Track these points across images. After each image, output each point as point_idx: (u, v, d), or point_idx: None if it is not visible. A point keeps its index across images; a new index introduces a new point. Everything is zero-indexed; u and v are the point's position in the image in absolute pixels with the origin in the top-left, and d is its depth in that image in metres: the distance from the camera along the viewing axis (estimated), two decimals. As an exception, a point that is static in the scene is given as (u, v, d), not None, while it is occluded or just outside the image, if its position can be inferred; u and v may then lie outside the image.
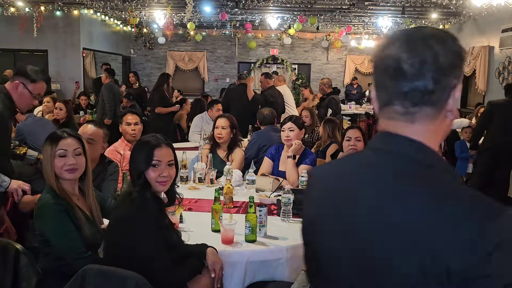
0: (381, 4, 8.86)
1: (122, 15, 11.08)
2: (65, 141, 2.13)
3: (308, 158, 3.47)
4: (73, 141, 2.16)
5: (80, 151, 2.16)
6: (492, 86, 8.91)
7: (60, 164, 2.10)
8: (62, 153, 2.11)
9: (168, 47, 14.41)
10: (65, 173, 2.11)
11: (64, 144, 2.12)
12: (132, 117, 3.63)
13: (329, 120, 4.81)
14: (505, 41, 8.36)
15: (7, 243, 1.99)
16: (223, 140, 3.78)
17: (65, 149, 2.12)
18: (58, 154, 2.10)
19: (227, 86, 8.46)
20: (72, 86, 10.42)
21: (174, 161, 2.04)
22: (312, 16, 9.83)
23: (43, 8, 10.01)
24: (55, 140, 2.13)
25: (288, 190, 2.67)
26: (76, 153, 2.14)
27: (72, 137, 2.17)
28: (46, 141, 2.16)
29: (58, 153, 2.11)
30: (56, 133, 2.18)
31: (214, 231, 2.44)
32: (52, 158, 2.10)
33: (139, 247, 1.86)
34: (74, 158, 2.12)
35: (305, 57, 14.75)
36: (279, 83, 7.37)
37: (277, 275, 2.24)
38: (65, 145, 2.12)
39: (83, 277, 1.69)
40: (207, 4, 9.20)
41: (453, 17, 10.14)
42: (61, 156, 2.11)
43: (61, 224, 2.02)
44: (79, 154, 2.15)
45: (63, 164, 2.10)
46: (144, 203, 1.92)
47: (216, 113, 5.62)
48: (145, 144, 1.99)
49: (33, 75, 2.66)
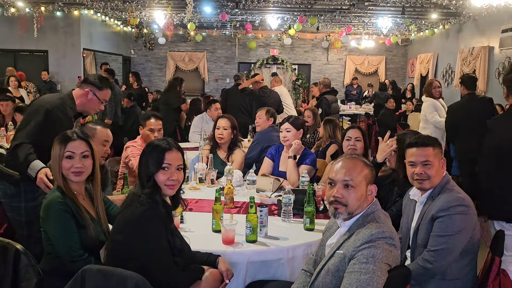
0: (381, 5, 8.86)
1: (122, 15, 11.08)
2: (73, 143, 2.13)
3: (308, 158, 3.46)
4: (82, 143, 2.16)
5: (88, 154, 2.16)
6: (492, 86, 8.91)
7: (67, 165, 2.11)
8: (69, 155, 2.11)
9: (168, 47, 14.42)
10: (71, 175, 2.12)
11: (72, 146, 2.13)
12: (156, 123, 3.58)
13: (330, 120, 4.81)
14: (505, 41, 8.36)
15: (7, 243, 1.98)
16: (224, 140, 3.79)
17: (73, 151, 2.12)
18: (65, 156, 2.11)
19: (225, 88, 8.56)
20: (72, 86, 10.42)
21: (183, 165, 2.05)
22: (312, 16, 9.83)
23: (43, 9, 10.01)
24: (64, 141, 2.13)
25: (288, 191, 2.67)
26: (83, 155, 2.14)
27: (81, 139, 2.17)
28: (55, 140, 2.16)
29: (66, 154, 2.11)
30: (66, 134, 2.17)
31: (214, 231, 2.43)
32: (60, 159, 2.11)
33: (146, 248, 1.86)
34: (81, 161, 2.13)
35: (305, 58, 14.75)
36: (276, 84, 7.39)
37: (278, 275, 2.24)
38: (73, 147, 2.13)
39: (83, 277, 1.69)
40: (207, 5, 9.20)
41: (453, 17, 10.14)
42: (68, 158, 2.11)
43: (63, 224, 2.03)
44: (87, 157, 2.16)
45: (70, 166, 2.11)
46: (154, 206, 1.93)
47: (214, 112, 5.62)
48: (156, 147, 2.00)
49: (100, 83, 3.05)
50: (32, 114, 2.85)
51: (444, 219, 2.13)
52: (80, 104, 3.02)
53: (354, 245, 1.74)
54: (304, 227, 2.52)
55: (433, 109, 5.34)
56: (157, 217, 1.91)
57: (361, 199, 1.83)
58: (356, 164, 1.87)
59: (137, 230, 1.87)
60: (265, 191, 3.21)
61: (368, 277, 1.64)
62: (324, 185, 2.88)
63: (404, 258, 2.36)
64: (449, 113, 4.88)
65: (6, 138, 5.46)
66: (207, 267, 2.07)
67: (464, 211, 2.13)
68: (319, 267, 1.87)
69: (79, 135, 2.18)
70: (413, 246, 2.29)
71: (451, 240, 2.11)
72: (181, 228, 2.44)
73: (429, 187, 2.26)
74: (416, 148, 2.29)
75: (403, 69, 14.99)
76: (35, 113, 2.84)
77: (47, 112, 2.83)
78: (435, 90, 5.38)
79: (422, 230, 2.23)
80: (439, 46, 11.92)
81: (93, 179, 2.22)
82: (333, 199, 1.85)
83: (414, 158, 2.28)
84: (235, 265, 2.17)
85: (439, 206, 2.16)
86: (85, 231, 2.07)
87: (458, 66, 10.20)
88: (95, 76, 3.14)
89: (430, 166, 2.23)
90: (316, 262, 2.00)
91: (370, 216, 1.83)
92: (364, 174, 1.85)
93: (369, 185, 1.86)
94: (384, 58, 14.75)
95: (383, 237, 1.72)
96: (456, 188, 2.25)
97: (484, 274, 2.20)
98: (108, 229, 2.21)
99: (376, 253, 1.69)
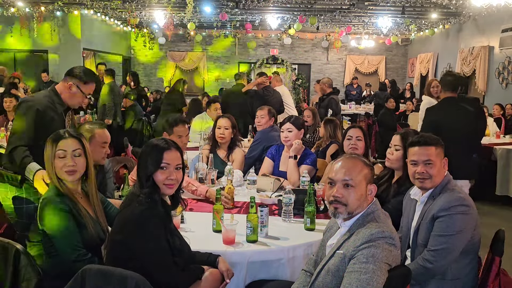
0: (381, 4, 8.87)
1: (122, 15, 11.08)
2: (65, 141, 2.12)
3: (308, 158, 3.46)
4: (73, 141, 2.14)
5: (80, 152, 2.14)
6: (492, 86, 8.91)
7: (60, 164, 2.09)
8: (61, 154, 2.10)
9: (168, 47, 14.41)
10: (65, 174, 2.10)
11: (64, 145, 2.11)
12: (183, 129, 3.42)
13: (330, 120, 4.80)
14: (505, 41, 8.36)
15: (7, 243, 1.98)
16: (225, 140, 3.79)
17: (65, 149, 2.10)
18: (57, 155, 2.10)
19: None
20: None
21: (181, 165, 2.05)
22: (312, 16, 9.84)
23: (43, 8, 10.00)
24: (56, 140, 2.12)
25: (289, 191, 2.67)
26: (75, 154, 2.12)
27: (73, 137, 2.15)
28: (48, 140, 2.15)
29: (58, 153, 2.10)
30: (58, 133, 2.16)
31: (215, 231, 2.43)
32: (52, 159, 2.10)
33: (146, 248, 1.86)
34: (73, 159, 2.11)
35: (305, 57, 14.76)
36: (277, 84, 7.40)
37: (278, 275, 2.24)
38: (64, 145, 2.11)
39: (83, 277, 1.69)
40: (207, 4, 9.20)
41: (453, 17, 10.15)
42: (60, 157, 2.10)
43: (64, 224, 2.02)
44: (79, 155, 2.13)
45: (62, 165, 2.09)
46: (153, 205, 1.92)
47: (214, 112, 5.62)
48: (155, 147, 2.00)
49: (85, 77, 2.94)
50: (23, 116, 2.80)
51: (445, 218, 2.13)
52: (63, 99, 2.94)
53: (354, 245, 1.74)
54: (305, 227, 2.52)
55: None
56: (156, 217, 1.91)
57: (361, 199, 1.83)
58: (355, 163, 1.87)
59: (136, 229, 1.86)
60: (266, 191, 3.21)
61: (368, 277, 1.64)
62: (324, 185, 2.88)
63: (404, 257, 2.36)
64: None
65: (6, 138, 5.46)
66: (207, 267, 2.06)
67: (465, 211, 2.13)
68: (319, 267, 1.86)
69: (70, 133, 2.16)
70: (413, 245, 2.29)
71: (452, 240, 2.11)
72: (182, 228, 2.44)
73: (430, 187, 2.25)
74: (418, 147, 2.28)
75: (403, 69, 15.00)
76: (27, 115, 2.79)
77: (38, 113, 2.79)
78: (433, 89, 5.44)
79: (422, 229, 2.22)
80: (439, 46, 11.93)
81: (88, 178, 2.20)
82: (333, 199, 1.84)
83: (416, 157, 2.27)
84: (235, 265, 2.16)
85: (440, 205, 2.16)
86: (85, 230, 2.06)
87: (458, 66, 10.20)
88: (80, 68, 3.02)
89: (432, 166, 2.23)
90: (317, 262, 2.00)
91: (370, 216, 1.83)
92: (364, 173, 1.85)
93: (369, 184, 1.86)
94: (384, 58, 14.76)
95: (383, 237, 1.72)
96: (457, 188, 2.25)
97: (484, 274, 2.20)
98: (107, 227, 2.20)
99: (376, 252, 1.69)
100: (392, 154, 2.73)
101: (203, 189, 3.05)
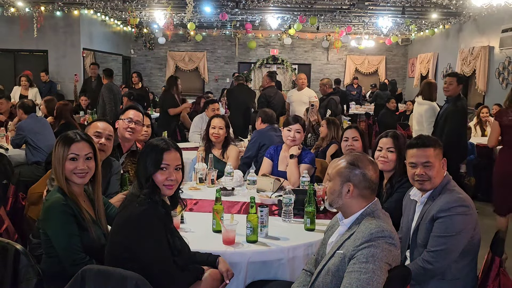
0: (381, 4, 8.87)
1: (122, 15, 11.08)
2: (77, 144, 2.11)
3: (307, 157, 3.47)
4: (85, 145, 2.14)
5: (91, 155, 2.15)
6: (492, 86, 8.90)
7: (70, 167, 2.09)
8: (73, 157, 2.10)
9: (168, 47, 14.42)
10: (75, 177, 2.10)
11: (77, 148, 2.10)
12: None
13: (333, 120, 4.79)
14: (505, 41, 8.36)
15: (7, 243, 1.98)
16: (220, 139, 3.91)
17: (77, 153, 2.10)
18: (69, 158, 2.09)
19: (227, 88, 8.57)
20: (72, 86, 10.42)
21: (181, 165, 2.05)
22: (312, 16, 9.84)
23: (43, 8, 10.01)
24: (68, 143, 2.11)
25: (289, 191, 2.66)
26: (87, 157, 2.13)
27: (85, 140, 2.15)
28: (58, 141, 2.13)
29: (70, 156, 2.09)
30: (69, 135, 2.15)
31: (215, 231, 2.43)
32: (63, 161, 2.09)
33: (146, 248, 1.86)
34: (85, 163, 2.11)
35: (305, 57, 14.75)
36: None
37: (278, 275, 2.24)
38: (77, 149, 2.10)
39: (83, 278, 1.69)
40: (207, 4, 9.20)
41: (453, 17, 10.14)
42: (72, 160, 2.09)
43: (66, 227, 2.01)
44: (90, 159, 2.14)
45: (74, 167, 2.09)
46: (153, 206, 1.92)
47: (211, 113, 5.62)
48: (155, 148, 2.00)
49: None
50: None
51: (445, 219, 2.12)
52: None
53: (354, 245, 1.74)
54: (305, 227, 2.52)
55: (432, 114, 5.23)
56: (156, 217, 1.91)
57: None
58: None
59: (136, 230, 1.86)
60: (266, 191, 3.21)
61: (368, 277, 1.64)
62: (324, 185, 2.88)
63: (404, 258, 2.36)
64: None
65: (6, 138, 5.45)
66: (207, 267, 2.07)
67: (465, 212, 2.13)
68: (319, 267, 1.87)
69: (82, 137, 2.16)
70: (412, 246, 2.29)
71: (451, 241, 2.11)
72: (181, 228, 2.44)
73: (430, 188, 2.25)
74: (416, 149, 2.28)
75: (403, 69, 14.99)
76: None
77: None
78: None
79: (422, 230, 2.22)
80: (439, 46, 11.92)
81: (94, 181, 2.21)
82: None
83: (415, 159, 2.27)
84: (235, 265, 2.16)
85: (439, 206, 2.16)
86: (87, 233, 2.06)
87: (458, 66, 10.20)
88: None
89: (431, 167, 2.23)
90: (317, 261, 2.00)
91: (370, 216, 1.83)
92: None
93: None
94: (384, 58, 14.75)
95: (383, 236, 1.72)
96: (456, 188, 2.25)
97: (484, 274, 2.20)
98: (108, 231, 2.19)
99: (376, 252, 1.69)
100: (387, 156, 2.74)
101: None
